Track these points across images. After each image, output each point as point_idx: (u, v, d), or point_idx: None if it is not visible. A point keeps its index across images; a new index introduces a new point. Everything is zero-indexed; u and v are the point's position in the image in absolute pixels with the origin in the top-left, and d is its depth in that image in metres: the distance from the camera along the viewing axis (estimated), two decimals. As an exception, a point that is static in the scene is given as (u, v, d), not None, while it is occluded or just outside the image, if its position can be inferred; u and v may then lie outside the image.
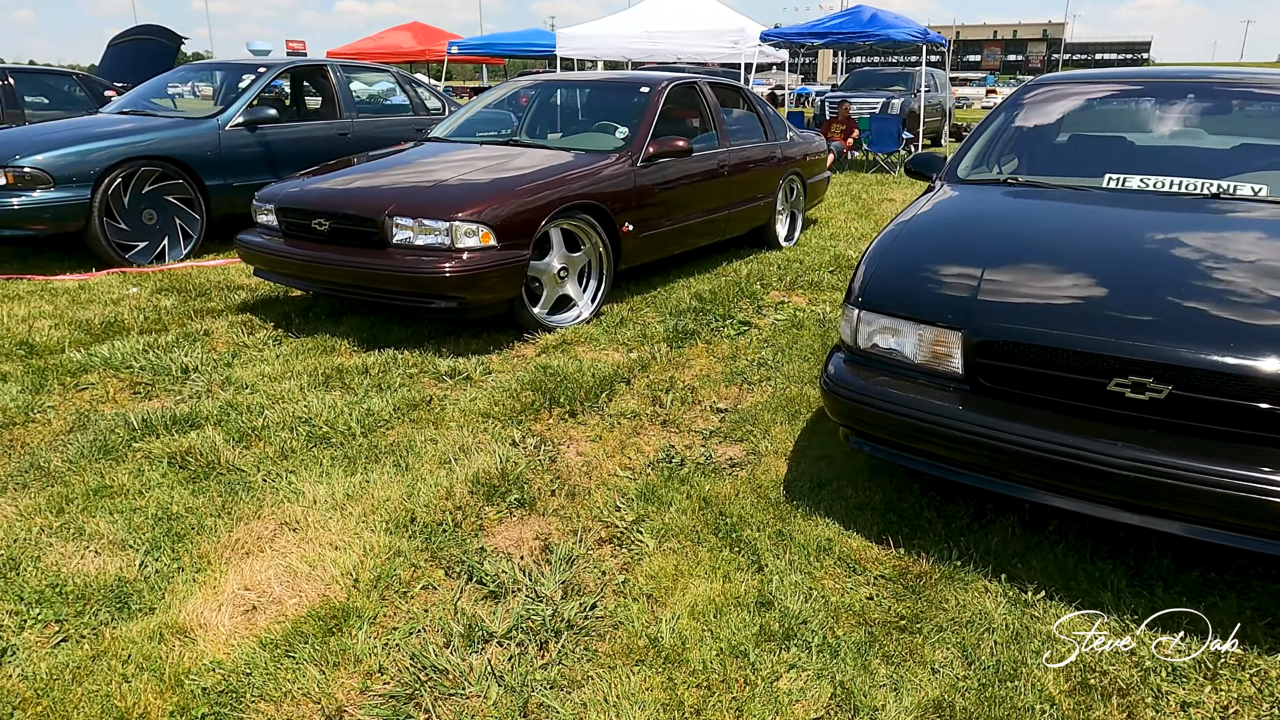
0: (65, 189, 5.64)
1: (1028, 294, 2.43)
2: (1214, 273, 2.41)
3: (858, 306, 2.62)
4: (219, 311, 5.01)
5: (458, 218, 4.21)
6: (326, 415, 3.46)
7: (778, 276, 6.14)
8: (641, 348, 4.53)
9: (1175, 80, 3.95)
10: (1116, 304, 2.30)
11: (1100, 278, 2.43)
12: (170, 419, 3.40)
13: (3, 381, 3.84)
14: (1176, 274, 2.42)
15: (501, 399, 3.74)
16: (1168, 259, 2.53)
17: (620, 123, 5.74)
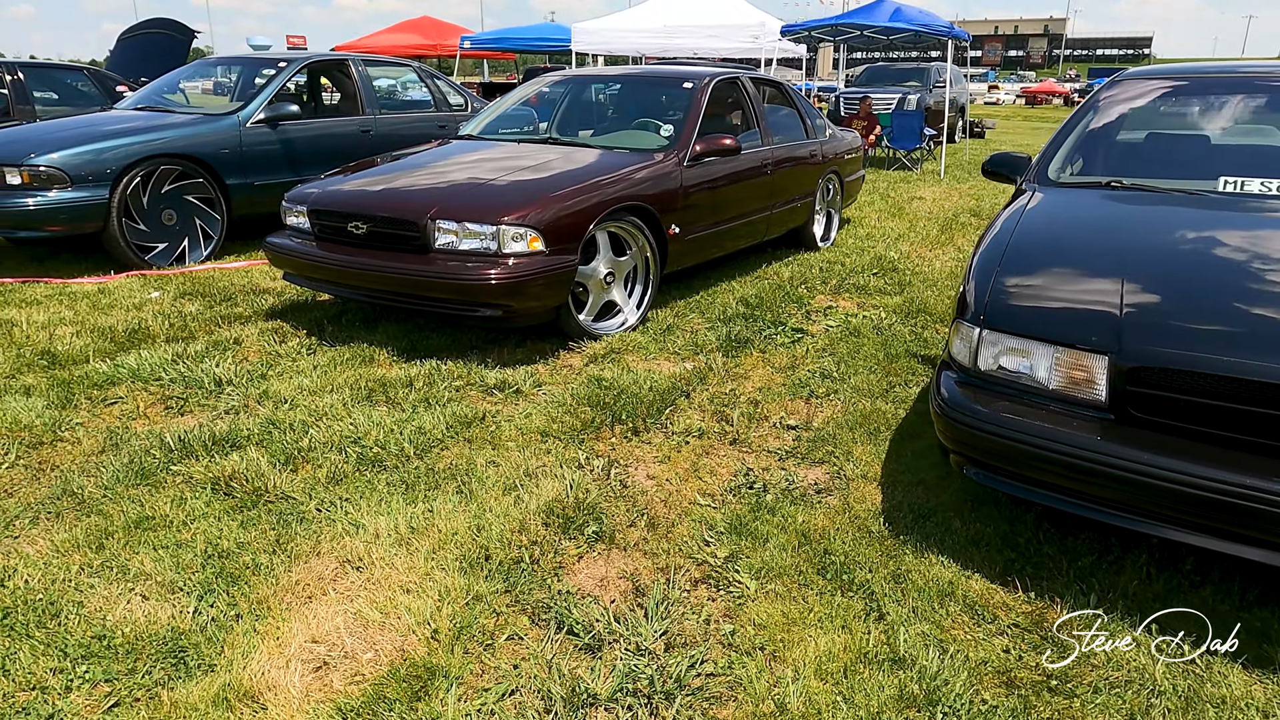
0: (82, 189, 5.40)
1: (1183, 314, 2.20)
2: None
3: (979, 325, 2.38)
4: (247, 318, 4.78)
5: (504, 221, 3.97)
6: (376, 434, 3.23)
7: (820, 280, 5.90)
8: (696, 358, 4.30)
9: (1271, 74, 3.71)
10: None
11: (1260, 296, 2.19)
12: (209, 439, 3.17)
13: (27, 396, 3.60)
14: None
15: (558, 415, 3.50)
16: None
17: (661, 120, 5.50)
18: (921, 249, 6.99)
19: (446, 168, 4.73)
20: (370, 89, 7.23)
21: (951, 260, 6.56)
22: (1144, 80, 3.81)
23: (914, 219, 8.32)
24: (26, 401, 3.52)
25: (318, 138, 6.73)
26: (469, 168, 4.66)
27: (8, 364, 3.99)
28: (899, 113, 13.27)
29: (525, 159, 4.75)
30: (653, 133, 5.37)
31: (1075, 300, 2.33)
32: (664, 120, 5.48)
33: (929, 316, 5.04)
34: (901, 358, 4.29)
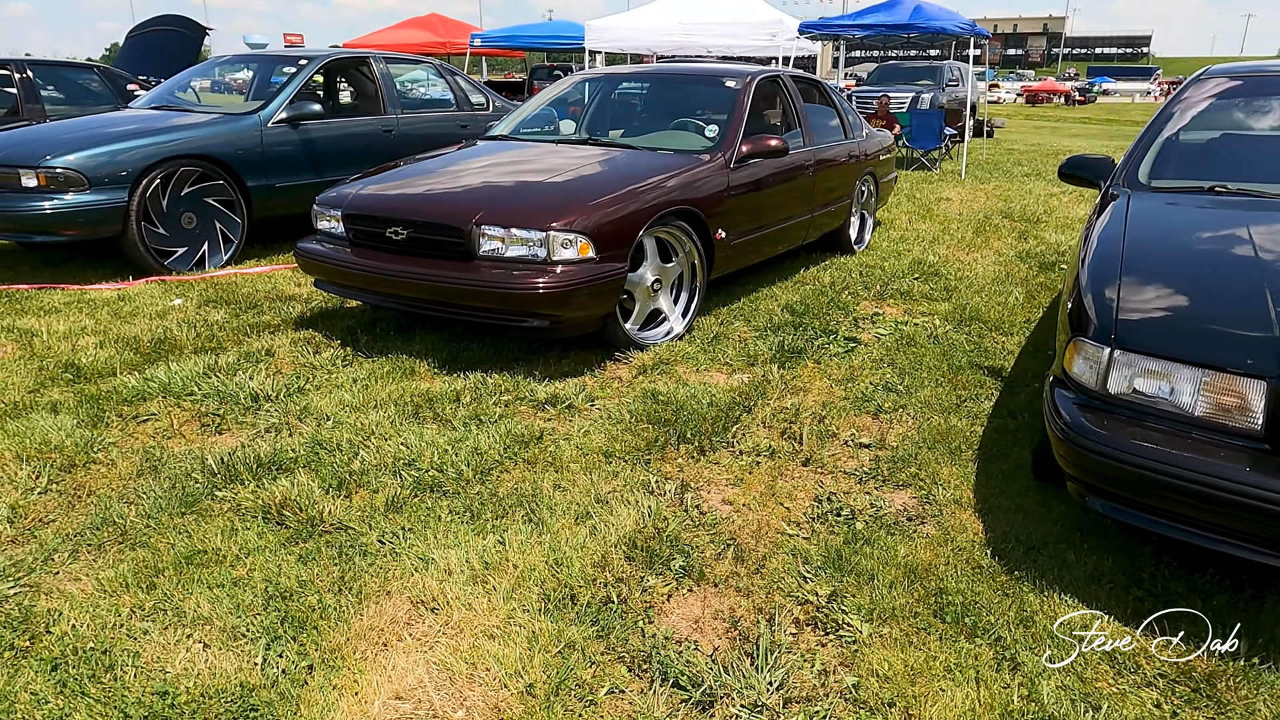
0: (101, 191, 5.19)
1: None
2: None
3: (1110, 345, 2.19)
4: (275, 327, 4.58)
5: (553, 227, 3.78)
6: (431, 456, 3.04)
7: (862, 285, 5.72)
8: (749, 369, 4.11)
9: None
10: None
11: None
12: (253, 461, 2.97)
13: (54, 413, 3.40)
14: None
15: (618, 433, 3.31)
16: None
17: (701, 120, 5.32)
18: (959, 252, 6.80)
19: (486, 171, 4.53)
20: (392, 87, 7.02)
21: (992, 264, 6.37)
22: (1229, 78, 3.62)
23: (945, 221, 8.14)
24: (55, 419, 3.32)
25: (340, 138, 6.52)
26: (510, 171, 4.46)
27: (30, 378, 3.79)
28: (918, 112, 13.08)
29: (567, 161, 4.55)
30: (694, 133, 5.17)
31: (1222, 319, 2.14)
32: (705, 120, 5.29)
33: (983, 324, 4.85)
34: (965, 369, 4.10)
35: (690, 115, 5.40)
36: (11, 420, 3.33)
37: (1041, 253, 6.68)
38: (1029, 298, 5.41)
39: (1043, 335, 4.66)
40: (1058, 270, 6.19)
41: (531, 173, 4.36)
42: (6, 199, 5.16)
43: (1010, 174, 12.05)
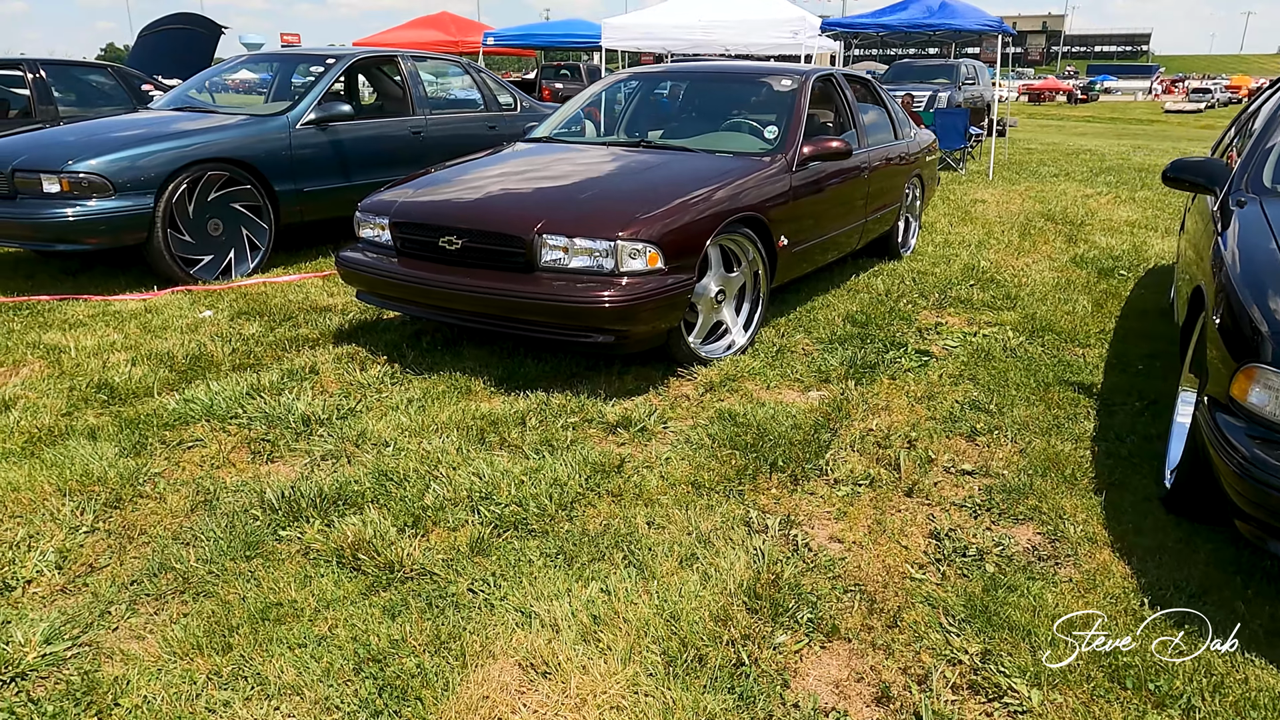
0: (126, 197, 4.94)
1: None
2: None
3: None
4: (314, 341, 4.33)
5: (621, 236, 3.54)
6: (508, 488, 2.79)
7: (918, 293, 5.48)
8: (823, 386, 3.87)
9: None
10: None
11: None
12: (316, 495, 2.73)
13: (93, 440, 3.16)
14: None
15: (702, 461, 3.07)
16: None
17: (754, 120, 5.08)
18: (1009, 257, 6.57)
19: (539, 177, 4.29)
20: (421, 87, 6.78)
21: (1047, 269, 6.14)
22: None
23: (986, 224, 7.90)
24: (94, 447, 3.07)
25: (368, 140, 6.27)
26: (564, 176, 4.22)
27: (62, 399, 3.55)
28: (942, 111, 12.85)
29: (625, 166, 4.31)
30: (749, 134, 4.93)
31: None
32: (759, 120, 5.05)
33: (1056, 335, 4.61)
34: (1054, 385, 3.86)
35: (743, 115, 5.16)
36: (48, 448, 3.09)
37: (1095, 258, 6.44)
38: (1096, 306, 5.18)
39: (1123, 348, 4.42)
40: (1117, 276, 5.95)
41: (589, 178, 4.12)
42: (27, 206, 4.91)
43: (1037, 174, 11.82)
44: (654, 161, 4.35)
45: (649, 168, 4.24)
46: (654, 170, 4.21)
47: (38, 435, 3.19)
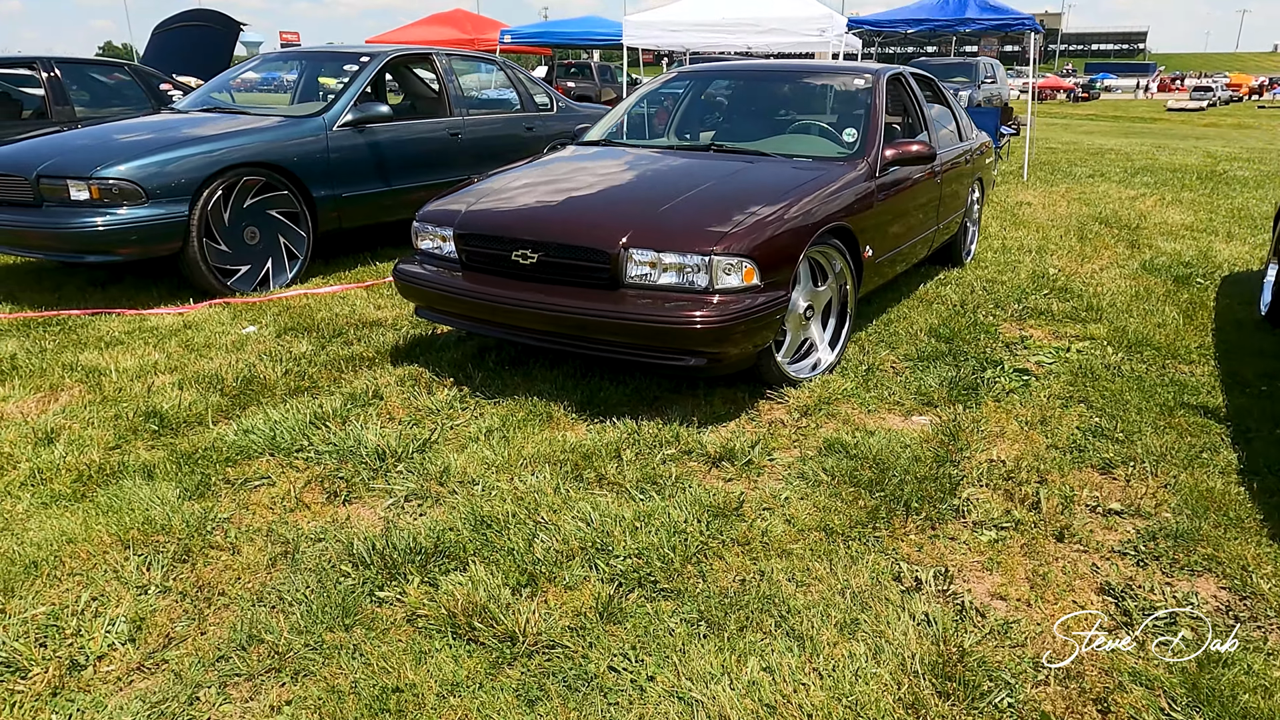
0: (159, 204, 4.64)
1: None
2: None
3: None
4: (371, 360, 4.03)
5: (716, 251, 3.25)
6: (622, 537, 2.50)
7: (993, 303, 5.20)
8: (927, 410, 3.59)
9: None
10: None
11: None
12: (411, 548, 2.44)
13: (149, 479, 2.86)
14: None
15: (825, 501, 2.78)
16: None
17: (825, 121, 4.79)
18: (1075, 264, 6.29)
19: (614, 184, 4.00)
20: (457, 87, 6.47)
21: (1118, 277, 5.85)
22: None
23: (1039, 228, 7.61)
24: (153, 488, 2.77)
25: (406, 142, 5.97)
26: (642, 184, 3.93)
27: (109, 429, 3.24)
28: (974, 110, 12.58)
29: (703, 172, 4.01)
30: (821, 137, 4.64)
31: None
32: (829, 122, 4.76)
33: (1155, 351, 4.33)
34: (1176, 409, 3.58)
35: (812, 117, 4.87)
36: (101, 489, 2.79)
37: (1166, 265, 6.16)
38: (1186, 318, 4.89)
39: (1233, 365, 4.14)
40: (1194, 285, 5.67)
41: (670, 187, 3.82)
42: (54, 214, 4.60)
43: (1071, 175, 11.56)
44: (732, 168, 4.05)
45: (729, 175, 3.94)
46: (736, 178, 3.92)
47: (87, 474, 2.89)
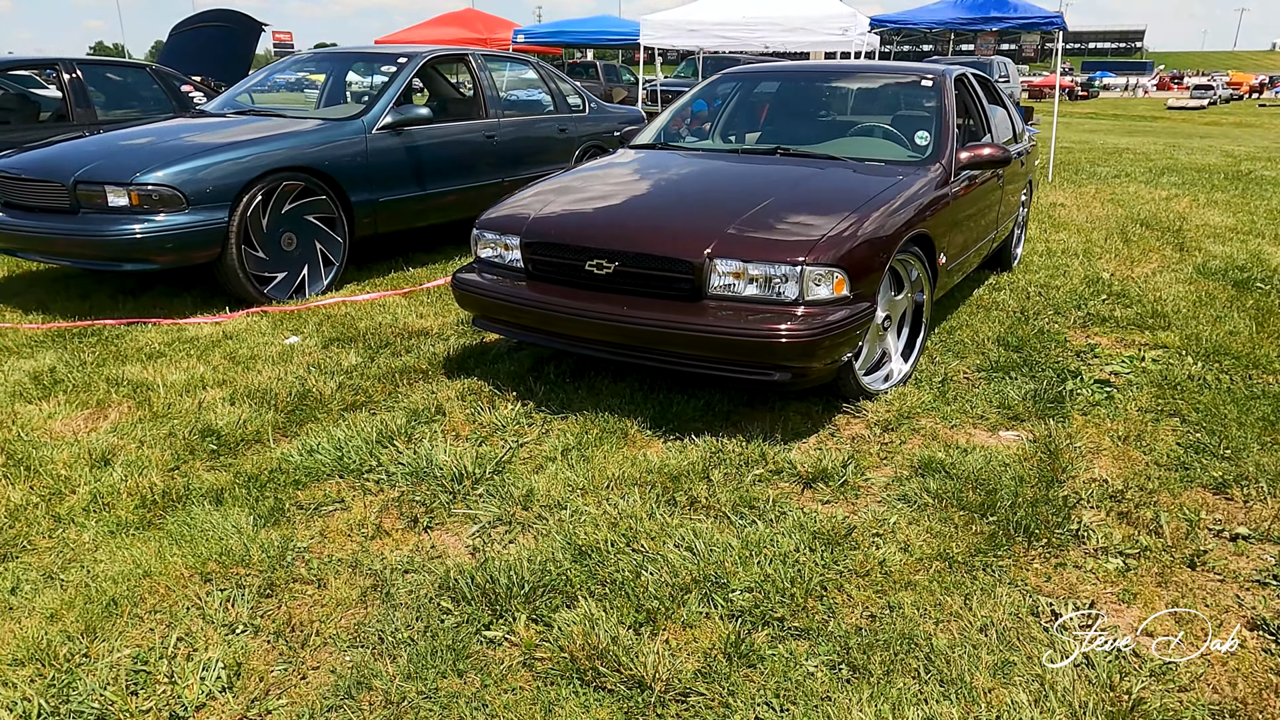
0: (199, 210, 4.47)
1: None
2: None
3: None
4: (424, 372, 3.87)
5: (807, 260, 3.09)
6: (734, 569, 2.35)
7: (1052, 309, 5.05)
8: (1015, 424, 3.44)
9: None
10: None
11: None
12: (512, 581, 2.28)
13: (218, 504, 2.69)
14: None
15: (935, 526, 2.63)
16: None
17: (887, 123, 4.64)
18: (1126, 267, 6.14)
19: (685, 190, 3.84)
20: (493, 88, 6.31)
21: (1175, 281, 5.71)
22: None
23: (1079, 230, 7.47)
24: (224, 515, 2.61)
25: (443, 145, 5.80)
26: (716, 190, 3.77)
27: (165, 450, 3.08)
28: (995, 110, 12.45)
29: (777, 177, 3.86)
30: (886, 140, 4.49)
31: None
32: (892, 124, 4.61)
33: (1235, 360, 4.18)
34: (1278, 424, 3.43)
35: (873, 118, 4.72)
36: (168, 515, 2.63)
37: (1221, 269, 6.02)
38: (1258, 325, 4.75)
39: (1320, 375, 4.00)
40: (1255, 289, 5.53)
41: (743, 193, 3.66)
42: (90, 222, 4.44)
43: (1095, 175, 11.42)
44: (805, 173, 3.90)
45: (804, 180, 3.79)
46: (812, 183, 3.76)
47: (150, 498, 2.73)
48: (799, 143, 4.49)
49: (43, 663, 1.97)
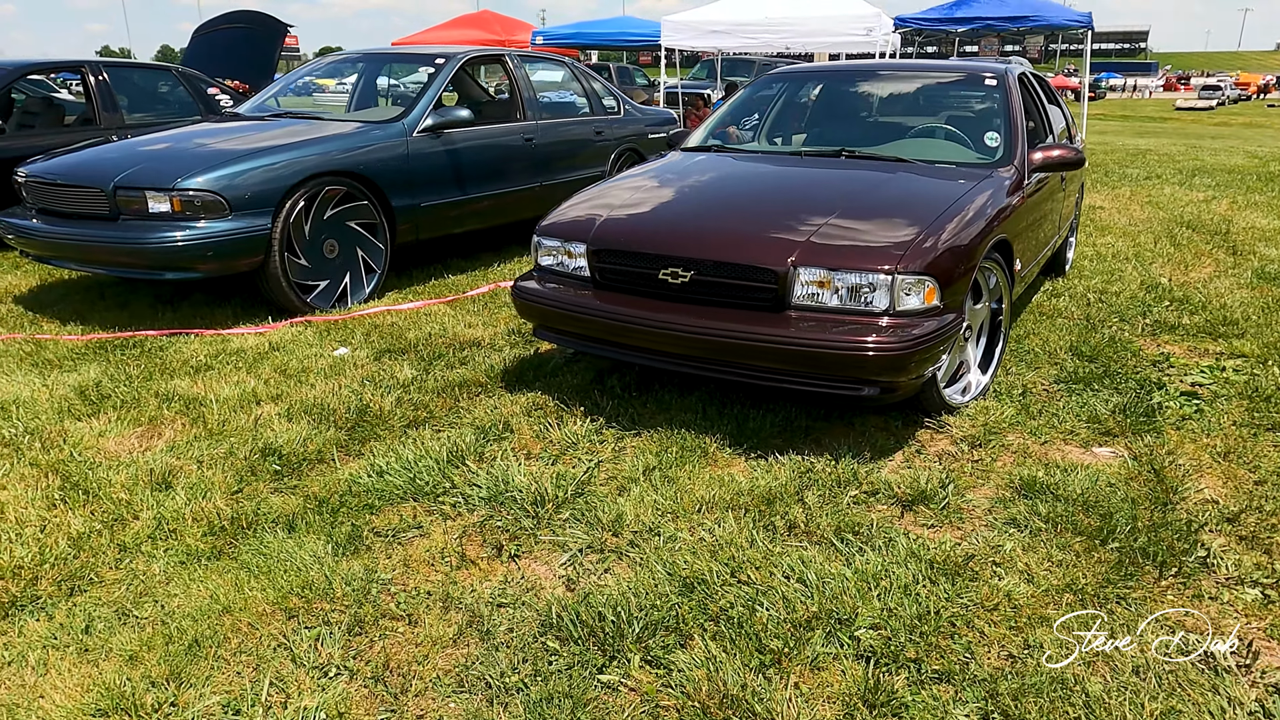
0: (242, 217, 4.33)
1: None
2: None
3: None
4: (484, 385, 3.72)
5: (899, 269, 2.94)
6: (856, 604, 2.19)
7: (1116, 316, 4.88)
8: (1108, 440, 3.28)
9: None
10: None
11: None
12: (619, 617, 2.12)
13: (291, 531, 2.54)
14: None
15: (1053, 553, 2.47)
16: None
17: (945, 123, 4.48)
18: (1180, 272, 5.98)
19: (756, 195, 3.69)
20: (531, 90, 6.16)
21: (1236, 287, 5.54)
22: None
23: (1125, 233, 7.31)
24: (299, 543, 2.46)
25: (482, 148, 5.66)
26: (786, 194, 3.63)
27: (223, 468, 2.93)
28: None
29: (850, 182, 3.70)
30: (948, 140, 4.33)
31: None
32: (952, 124, 4.45)
33: (1321, 370, 4.02)
34: (1386, 440, 3.27)
35: (931, 119, 4.57)
36: (240, 543, 2.48)
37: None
38: (1336, 333, 4.59)
39: None
40: (1320, 294, 5.37)
41: (818, 197, 3.52)
42: (130, 229, 4.29)
43: (1126, 176, 11.25)
44: (878, 177, 3.74)
45: (879, 184, 3.64)
46: (888, 187, 3.61)
47: (218, 524, 2.58)
48: (859, 144, 4.32)
49: (129, 713, 1.82)
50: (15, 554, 2.38)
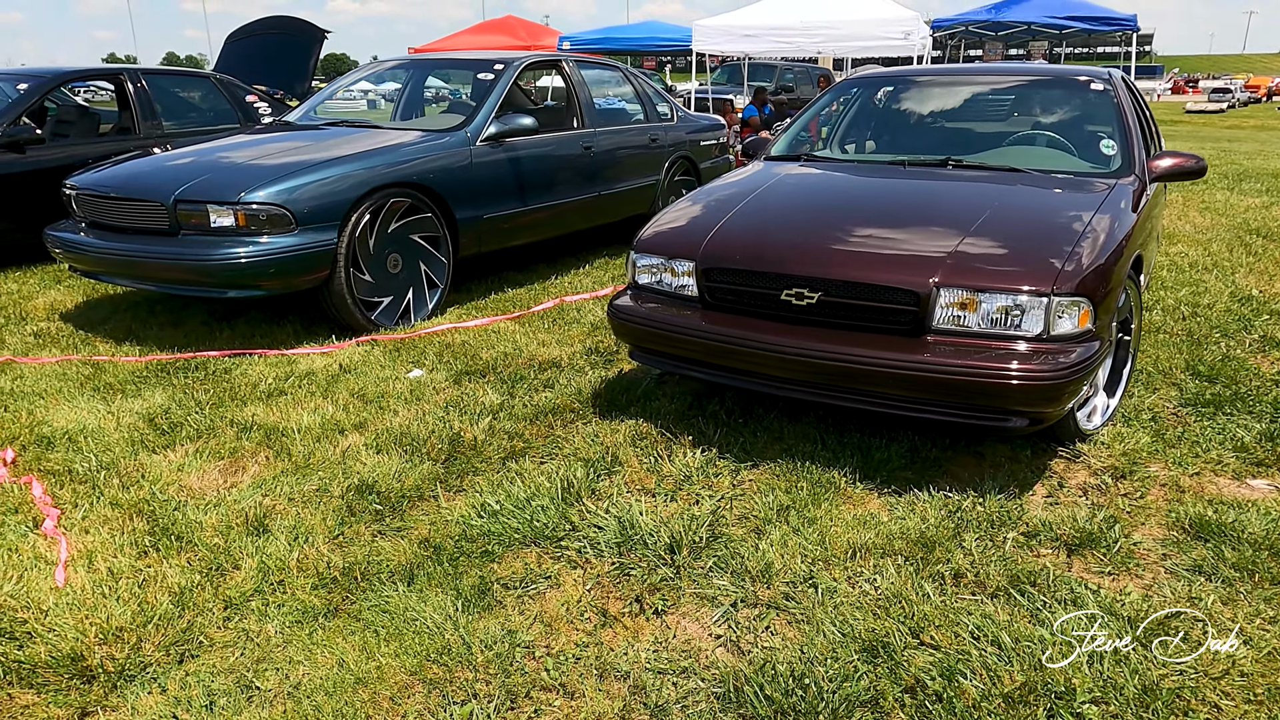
0: (307, 231, 4.10)
1: None
2: None
3: None
4: (576, 411, 3.48)
5: (1053, 289, 2.70)
6: (1068, 673, 1.95)
7: (1217, 330, 4.63)
8: (1263, 472, 3.03)
9: None
10: None
11: None
12: (805, 690, 1.88)
13: (410, 584, 2.30)
14: None
15: (1259, 607, 2.23)
16: None
17: (1047, 129, 4.24)
18: (1265, 282, 5.72)
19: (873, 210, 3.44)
20: (589, 97, 5.93)
21: (1331, 299, 5.30)
22: None
23: (1193, 241, 7.05)
24: (422, 599, 2.22)
25: (543, 156, 5.43)
26: (911, 209, 3.39)
27: (318, 507, 2.70)
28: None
29: (969, 194, 3.45)
30: (1051, 148, 4.09)
31: None
32: (1058, 130, 4.21)
33: None
34: None
35: (1034, 126, 4.32)
36: (357, 598, 2.24)
37: (1376, 283, 5.61)
38: None
39: None
40: None
41: (944, 212, 3.27)
42: (191, 245, 4.07)
43: (1170, 182, 10.99)
44: (1000, 189, 3.49)
45: (1005, 196, 3.39)
46: (1016, 200, 3.36)
47: (329, 576, 2.34)
48: (960, 152, 4.08)
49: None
50: (114, 612, 2.15)
